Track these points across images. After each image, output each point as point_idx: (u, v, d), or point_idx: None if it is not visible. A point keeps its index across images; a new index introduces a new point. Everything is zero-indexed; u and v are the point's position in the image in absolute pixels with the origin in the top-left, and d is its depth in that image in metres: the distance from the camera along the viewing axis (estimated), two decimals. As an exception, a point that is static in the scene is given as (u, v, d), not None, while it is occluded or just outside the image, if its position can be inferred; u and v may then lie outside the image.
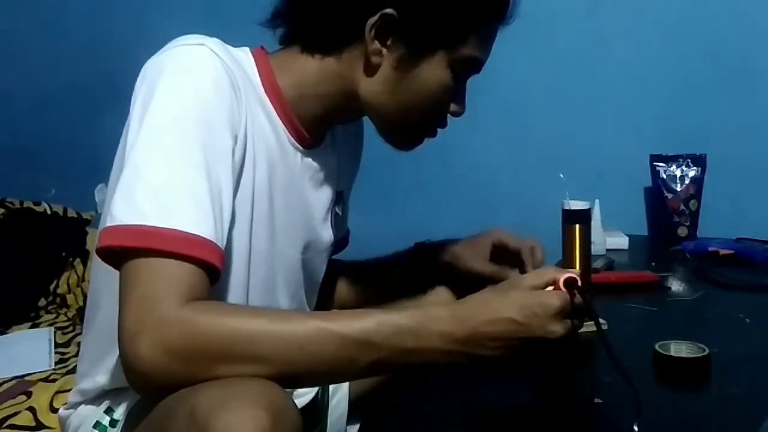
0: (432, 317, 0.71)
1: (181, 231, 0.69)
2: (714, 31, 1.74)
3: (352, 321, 0.69)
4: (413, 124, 0.91)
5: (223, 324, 0.67)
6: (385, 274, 1.17)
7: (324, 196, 0.97)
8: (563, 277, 0.75)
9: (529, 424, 0.79)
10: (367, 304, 1.11)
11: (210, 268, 0.70)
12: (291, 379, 0.68)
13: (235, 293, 0.83)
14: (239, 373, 0.65)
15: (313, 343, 0.68)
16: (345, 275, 1.18)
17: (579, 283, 0.75)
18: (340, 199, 1.02)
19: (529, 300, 0.73)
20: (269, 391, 0.63)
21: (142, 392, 0.72)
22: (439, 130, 0.95)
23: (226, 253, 0.74)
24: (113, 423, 0.86)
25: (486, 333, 0.71)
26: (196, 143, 0.73)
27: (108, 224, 0.70)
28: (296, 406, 0.65)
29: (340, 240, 1.14)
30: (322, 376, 0.75)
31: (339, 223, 1.06)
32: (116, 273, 0.71)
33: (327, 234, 1.01)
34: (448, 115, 0.93)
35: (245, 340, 0.66)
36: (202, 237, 0.70)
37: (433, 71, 0.86)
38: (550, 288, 0.76)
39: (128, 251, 0.69)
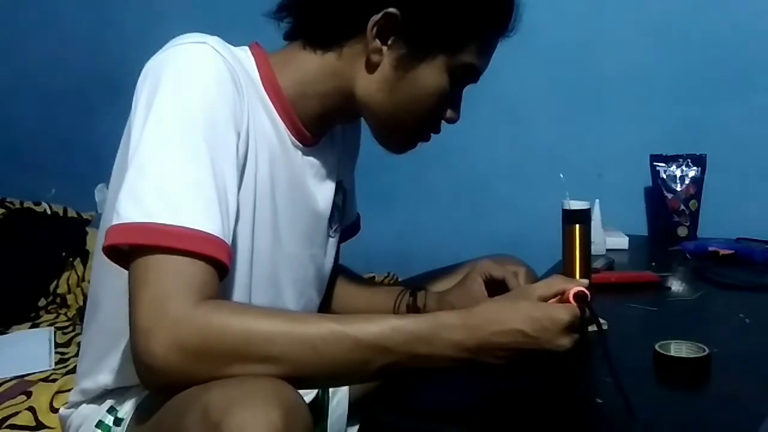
0: (443, 325, 0.72)
1: (190, 228, 0.69)
2: (714, 30, 1.74)
3: (367, 325, 0.70)
4: (407, 127, 0.91)
5: (237, 323, 0.67)
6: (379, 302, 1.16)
7: (325, 191, 0.98)
8: (573, 290, 0.76)
9: (530, 424, 0.79)
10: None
11: (219, 265, 0.71)
12: (303, 380, 0.69)
13: (238, 291, 0.84)
14: (252, 373, 0.66)
15: (326, 345, 0.68)
16: (344, 284, 1.18)
17: (589, 298, 0.75)
18: (339, 188, 1.02)
19: (539, 313, 0.73)
20: (281, 390, 0.63)
21: (154, 390, 0.73)
22: (433, 135, 0.95)
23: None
24: (117, 422, 0.86)
25: (495, 343, 0.72)
26: (201, 140, 0.73)
27: (114, 222, 0.70)
28: (306, 404, 0.65)
29: (350, 226, 1.15)
30: (333, 377, 0.76)
31: (343, 212, 1.07)
32: (118, 272, 0.72)
33: (330, 228, 1.01)
34: (443, 121, 0.93)
35: (260, 339, 0.67)
36: (210, 234, 0.70)
37: (432, 74, 0.87)
38: (558, 298, 0.77)
39: (137, 249, 0.69)
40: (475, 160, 1.99)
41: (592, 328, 0.82)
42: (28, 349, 1.69)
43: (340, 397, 1.01)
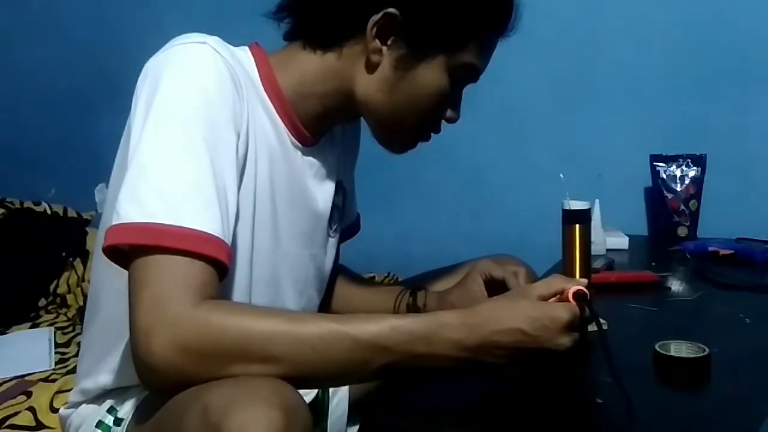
0: (443, 324, 0.72)
1: (190, 228, 0.69)
2: (714, 30, 1.74)
3: (366, 325, 0.70)
4: (407, 127, 0.92)
5: (237, 323, 0.67)
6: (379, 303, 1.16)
7: (325, 191, 0.98)
8: (573, 289, 0.76)
9: (530, 424, 0.79)
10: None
11: (219, 265, 0.71)
12: (302, 380, 0.69)
13: (237, 291, 0.84)
14: (252, 373, 0.66)
15: (326, 345, 0.68)
16: (344, 284, 1.18)
17: (588, 296, 0.76)
18: (339, 189, 1.02)
19: (539, 312, 0.73)
20: (281, 390, 0.63)
21: (154, 390, 0.73)
22: (433, 134, 0.95)
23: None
24: (117, 422, 0.86)
25: (495, 342, 0.72)
26: (201, 140, 0.73)
27: (114, 222, 0.70)
28: (306, 404, 0.65)
29: (350, 226, 1.15)
30: (333, 377, 0.76)
31: (343, 212, 1.07)
32: (118, 272, 0.72)
33: (330, 228, 1.01)
34: (443, 121, 0.93)
35: (259, 339, 0.67)
36: (210, 234, 0.70)
37: (432, 74, 0.87)
38: (557, 297, 0.77)
39: (137, 249, 0.69)
40: (475, 160, 1.99)
41: (593, 327, 0.82)
42: (28, 349, 1.69)
43: (340, 397, 1.01)
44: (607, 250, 1.59)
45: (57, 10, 2.50)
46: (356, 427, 1.04)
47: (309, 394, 0.95)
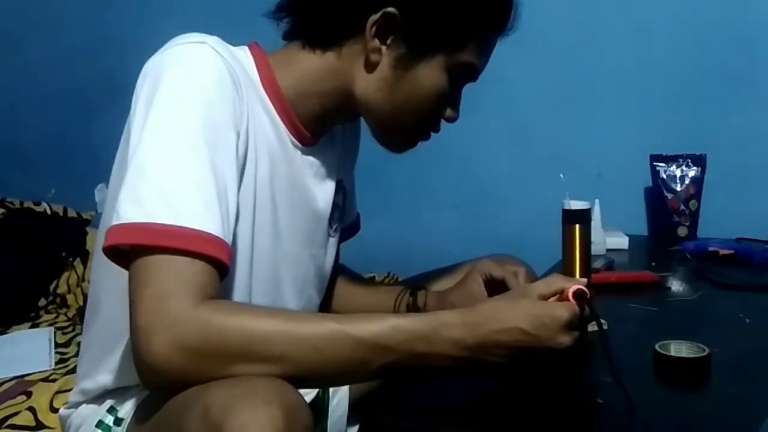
0: (444, 324, 0.72)
1: (190, 228, 0.69)
2: (714, 30, 1.74)
3: (367, 324, 0.70)
4: (406, 126, 0.92)
5: (238, 323, 0.67)
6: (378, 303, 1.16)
7: (325, 190, 0.98)
8: (572, 288, 0.76)
9: (530, 424, 0.79)
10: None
11: (219, 265, 0.71)
12: (303, 379, 0.69)
13: (238, 291, 0.84)
14: (253, 372, 0.66)
15: (327, 344, 0.68)
16: (345, 284, 1.18)
17: (588, 295, 0.76)
18: (339, 188, 1.02)
19: (539, 311, 0.74)
20: (282, 389, 0.63)
21: (155, 390, 0.73)
22: (433, 134, 0.95)
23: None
24: (118, 422, 0.86)
25: (496, 341, 0.73)
26: (201, 140, 0.73)
27: (115, 222, 0.71)
28: (307, 404, 0.65)
29: (350, 226, 1.15)
30: (334, 377, 0.76)
31: (343, 212, 1.07)
32: (119, 272, 0.72)
33: (331, 227, 1.01)
34: (443, 120, 0.93)
35: (260, 339, 0.67)
36: (210, 234, 0.70)
37: (431, 74, 0.87)
38: (557, 296, 0.77)
39: (138, 249, 0.69)
40: (475, 159, 1.99)
41: (593, 327, 0.82)
42: (28, 349, 1.69)
43: (340, 397, 1.01)
44: (607, 250, 1.59)
45: (57, 10, 2.50)
46: (356, 427, 1.04)
47: (309, 394, 0.95)
